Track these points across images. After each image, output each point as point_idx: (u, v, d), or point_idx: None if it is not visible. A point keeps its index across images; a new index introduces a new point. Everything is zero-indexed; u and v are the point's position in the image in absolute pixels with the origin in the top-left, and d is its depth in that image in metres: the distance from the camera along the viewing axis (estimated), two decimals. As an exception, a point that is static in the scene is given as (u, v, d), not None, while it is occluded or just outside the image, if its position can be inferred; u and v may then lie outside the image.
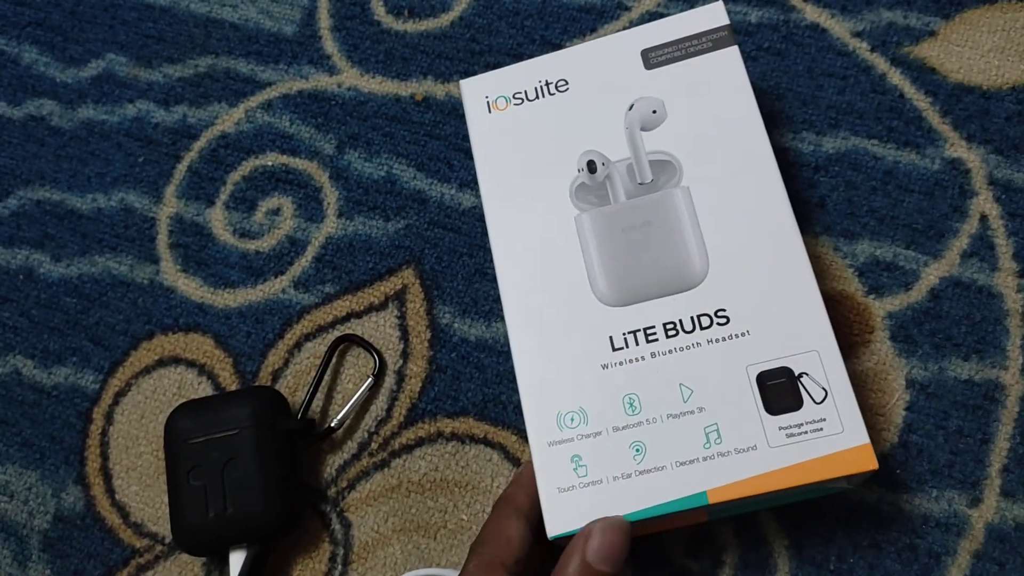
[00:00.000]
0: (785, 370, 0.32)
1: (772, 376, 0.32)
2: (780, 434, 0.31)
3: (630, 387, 0.33)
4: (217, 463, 0.37)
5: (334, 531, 0.40)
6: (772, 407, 0.32)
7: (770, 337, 0.33)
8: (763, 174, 0.35)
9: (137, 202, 0.47)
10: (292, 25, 0.49)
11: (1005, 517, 0.36)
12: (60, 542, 0.42)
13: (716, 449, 0.32)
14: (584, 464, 0.33)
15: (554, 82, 0.39)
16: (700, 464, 0.32)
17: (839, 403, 0.31)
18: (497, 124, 0.39)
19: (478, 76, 0.40)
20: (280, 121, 0.47)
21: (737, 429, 0.32)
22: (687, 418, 0.32)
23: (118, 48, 0.50)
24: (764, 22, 0.44)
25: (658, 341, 0.34)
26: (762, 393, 0.32)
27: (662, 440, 0.32)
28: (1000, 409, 0.37)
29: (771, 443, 0.31)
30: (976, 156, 0.40)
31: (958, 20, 0.43)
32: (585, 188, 0.37)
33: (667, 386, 0.33)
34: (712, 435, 0.32)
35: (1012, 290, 0.38)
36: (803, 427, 0.31)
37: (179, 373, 0.43)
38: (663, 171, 0.36)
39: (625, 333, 0.34)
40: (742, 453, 0.31)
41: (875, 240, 0.40)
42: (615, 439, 0.33)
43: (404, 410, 0.41)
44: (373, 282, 0.43)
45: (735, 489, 0.31)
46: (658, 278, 0.35)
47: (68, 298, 0.46)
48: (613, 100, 0.38)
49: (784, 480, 0.31)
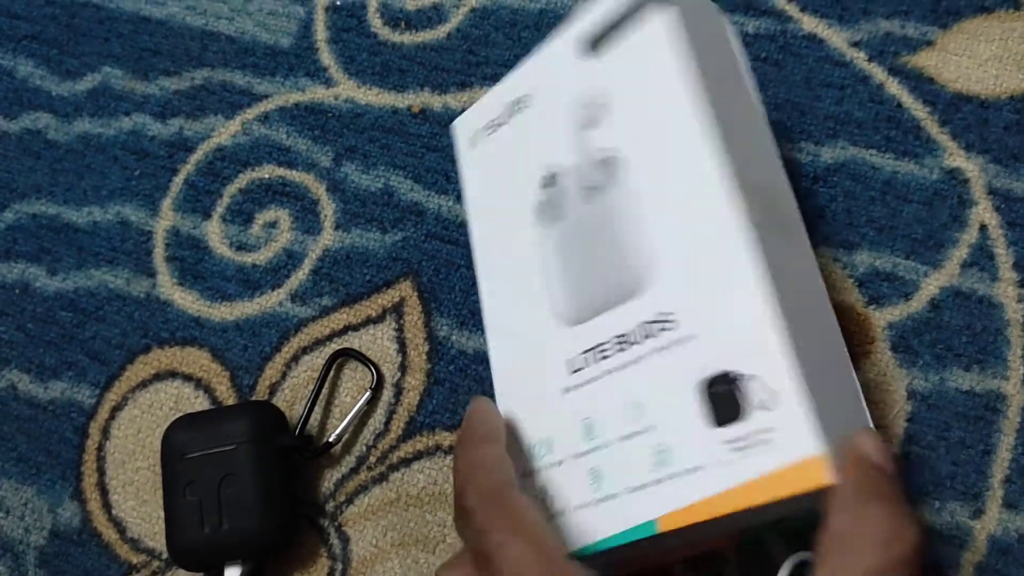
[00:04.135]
0: (725, 375, 0.28)
1: (714, 383, 0.28)
2: (726, 448, 0.27)
3: (588, 410, 0.31)
4: (213, 478, 0.37)
5: (332, 546, 0.39)
6: (717, 418, 0.28)
7: (717, 340, 0.28)
8: (699, 157, 0.30)
9: (133, 215, 0.47)
10: (288, 37, 0.49)
11: (1008, 529, 0.35)
12: (56, 558, 0.41)
13: (666, 471, 0.28)
14: (551, 495, 0.31)
15: (520, 99, 0.37)
16: (651, 488, 0.28)
17: (788, 409, 0.26)
18: (480, 156, 0.38)
19: (464, 115, 0.39)
20: (277, 133, 0.47)
21: (685, 447, 0.28)
22: (638, 439, 0.29)
23: (114, 61, 0.50)
24: (761, 32, 0.44)
25: (610, 358, 0.31)
26: (706, 403, 0.28)
27: (615, 465, 0.29)
28: (1002, 420, 0.37)
29: (719, 459, 0.27)
30: (975, 165, 0.40)
31: (956, 29, 0.43)
32: (544, 205, 0.35)
33: (620, 405, 0.30)
34: (663, 455, 0.28)
35: (1013, 300, 0.38)
36: (749, 438, 0.27)
37: (176, 387, 0.43)
38: (608, 170, 0.33)
39: (583, 352, 0.32)
40: (690, 473, 0.28)
41: (874, 250, 0.40)
42: (574, 467, 0.30)
43: (402, 423, 0.41)
44: (370, 295, 0.43)
45: (684, 515, 0.27)
46: (606, 286, 0.32)
47: (64, 312, 0.45)
48: (568, 104, 0.35)
49: (734, 502, 0.26)
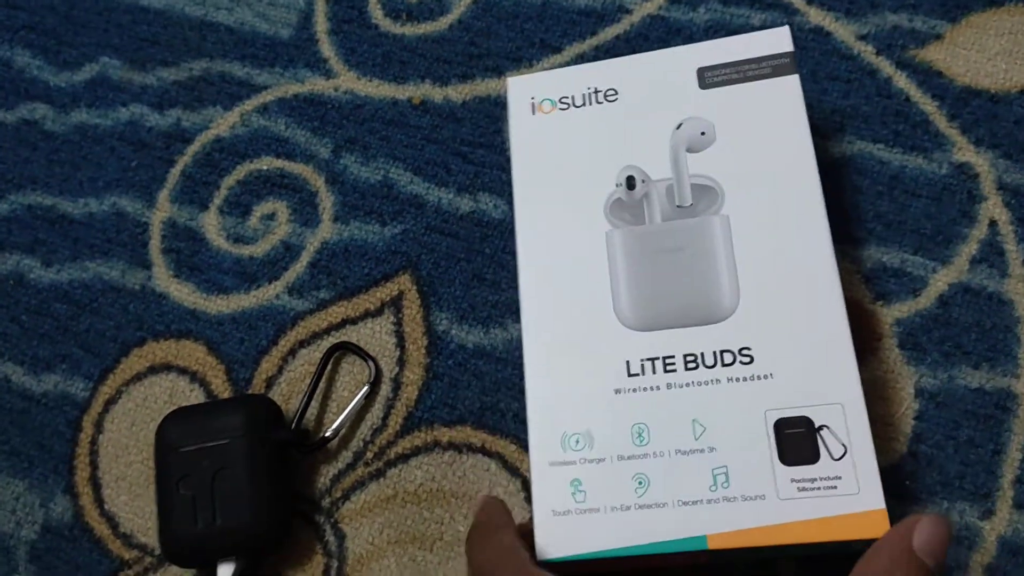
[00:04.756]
0: (805, 419, 0.31)
1: (790, 424, 0.31)
2: (791, 486, 0.30)
3: (641, 416, 0.32)
4: (207, 473, 0.36)
5: (328, 543, 0.39)
6: (787, 457, 0.30)
7: (794, 383, 0.31)
8: (808, 212, 0.34)
9: (130, 207, 0.46)
10: (288, 28, 0.48)
11: (1019, 530, 0.35)
12: (48, 553, 0.41)
13: (722, 493, 0.30)
14: (583, 490, 0.31)
15: (604, 91, 0.37)
16: (704, 506, 0.30)
17: (858, 462, 0.30)
18: (540, 127, 0.38)
19: (527, 75, 0.39)
20: (276, 125, 0.46)
21: (747, 475, 0.30)
22: (696, 456, 0.31)
23: (112, 51, 0.49)
24: (768, 25, 0.43)
25: (676, 372, 0.32)
26: (778, 441, 0.31)
27: (667, 476, 0.31)
28: (1012, 419, 0.36)
29: (781, 495, 0.30)
30: (984, 160, 0.40)
31: (964, 23, 0.42)
32: (621, 204, 0.35)
33: (680, 420, 0.32)
34: (720, 478, 0.30)
35: (1023, 297, 0.37)
36: (816, 482, 0.30)
37: (171, 380, 0.42)
38: (704, 196, 0.35)
39: (643, 360, 0.33)
40: (749, 501, 0.30)
41: (882, 246, 0.39)
42: (619, 468, 0.31)
43: (400, 419, 0.40)
44: (369, 288, 0.42)
45: (737, 538, 0.30)
46: (685, 307, 0.33)
47: (59, 304, 0.45)
48: (662, 116, 0.36)
49: (788, 535, 0.29)
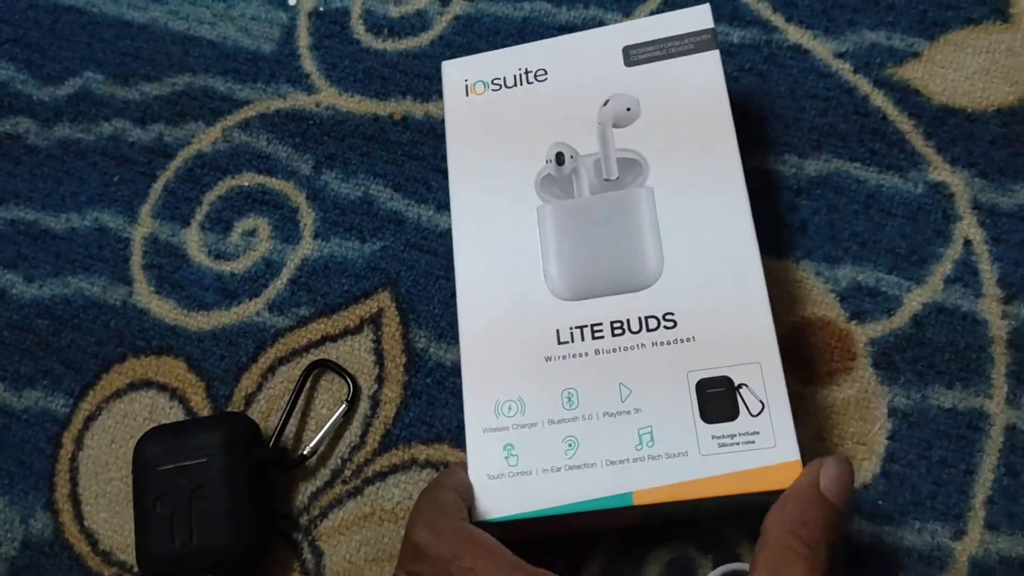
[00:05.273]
0: (725, 379, 0.32)
1: (711, 384, 0.32)
2: (712, 443, 0.31)
3: (570, 382, 0.33)
4: (185, 491, 0.37)
5: (305, 560, 0.39)
6: (708, 415, 0.32)
7: (714, 345, 0.33)
8: (727, 182, 0.35)
9: (111, 222, 0.46)
10: (271, 43, 0.48)
11: (989, 550, 0.35)
12: (27, 570, 0.41)
13: (647, 451, 0.32)
14: (516, 454, 0.33)
15: (534, 71, 0.39)
16: (630, 465, 0.32)
17: (775, 417, 0.31)
18: (473, 107, 0.39)
19: (459, 59, 0.40)
20: (257, 140, 0.46)
21: (671, 433, 0.32)
22: (623, 418, 0.32)
23: (95, 66, 0.49)
24: (746, 43, 0.43)
25: (604, 339, 0.34)
26: (700, 400, 0.32)
27: (595, 437, 0.32)
28: (984, 439, 0.36)
29: (702, 451, 0.31)
30: (960, 180, 0.40)
31: (942, 41, 0.42)
32: (551, 180, 0.37)
33: (607, 384, 0.33)
34: (645, 437, 0.32)
35: (997, 316, 0.38)
36: (736, 438, 0.31)
37: (151, 397, 0.42)
38: (630, 169, 0.36)
39: (572, 327, 0.34)
40: (673, 458, 0.31)
41: (857, 265, 0.39)
42: (549, 432, 0.33)
43: (378, 436, 0.40)
44: (348, 305, 0.42)
45: (661, 493, 0.31)
46: (612, 275, 0.35)
47: (40, 319, 0.45)
48: (589, 94, 0.38)
49: (710, 488, 0.31)
